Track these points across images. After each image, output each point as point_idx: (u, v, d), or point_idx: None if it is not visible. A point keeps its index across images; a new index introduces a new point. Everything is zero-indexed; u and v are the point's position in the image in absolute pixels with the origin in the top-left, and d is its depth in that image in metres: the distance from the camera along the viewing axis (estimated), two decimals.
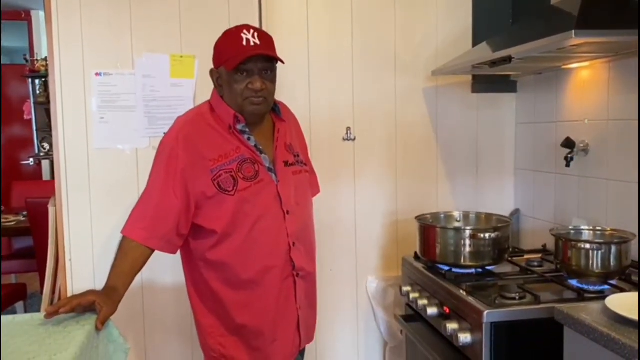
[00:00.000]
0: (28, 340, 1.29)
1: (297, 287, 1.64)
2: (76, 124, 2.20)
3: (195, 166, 1.53)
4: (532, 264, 2.01)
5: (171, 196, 1.52)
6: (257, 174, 1.57)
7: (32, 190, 4.05)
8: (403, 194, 2.54)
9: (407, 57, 2.48)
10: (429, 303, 1.90)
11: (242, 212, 1.54)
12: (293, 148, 1.70)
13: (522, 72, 2.42)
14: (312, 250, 1.74)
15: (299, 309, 1.67)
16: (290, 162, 1.66)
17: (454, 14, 2.50)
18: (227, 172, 1.53)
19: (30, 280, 3.98)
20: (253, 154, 1.58)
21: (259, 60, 1.52)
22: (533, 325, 1.56)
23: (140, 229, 1.53)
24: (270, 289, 1.60)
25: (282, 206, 1.59)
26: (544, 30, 1.76)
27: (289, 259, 1.61)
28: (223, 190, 1.52)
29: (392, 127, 2.50)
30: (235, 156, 1.55)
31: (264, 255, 1.58)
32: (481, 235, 1.88)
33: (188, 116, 1.64)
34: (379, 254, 2.54)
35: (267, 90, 1.55)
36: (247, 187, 1.54)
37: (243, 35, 1.51)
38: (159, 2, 2.23)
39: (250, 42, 1.50)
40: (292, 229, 1.61)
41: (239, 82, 1.52)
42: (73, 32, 2.17)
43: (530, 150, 2.49)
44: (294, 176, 1.65)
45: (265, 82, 1.54)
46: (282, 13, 2.38)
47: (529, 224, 2.49)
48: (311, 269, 1.72)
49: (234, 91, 1.54)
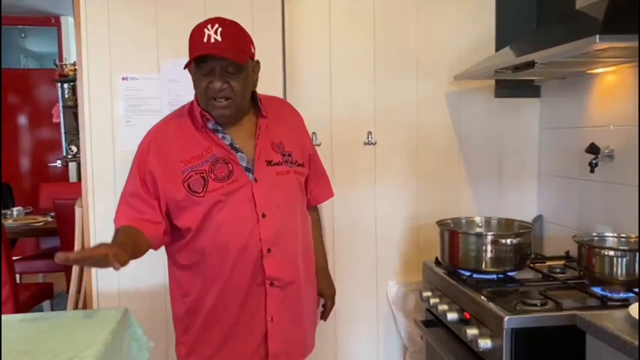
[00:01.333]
0: (54, 337, 1.33)
1: (268, 298, 1.53)
2: (103, 127, 2.25)
3: (165, 171, 1.49)
4: (554, 270, 1.99)
5: (145, 196, 1.49)
6: (231, 174, 1.48)
7: (59, 192, 4.14)
8: (424, 198, 2.53)
9: (429, 61, 2.48)
10: (449, 308, 1.90)
11: (210, 215, 1.48)
12: (282, 146, 1.58)
13: (546, 77, 2.39)
14: (297, 258, 1.60)
15: (270, 321, 1.55)
16: (276, 161, 1.54)
17: (477, 18, 2.49)
18: (198, 173, 1.47)
19: (57, 279, 4.06)
20: (227, 153, 1.50)
21: (220, 58, 1.41)
22: (554, 332, 1.54)
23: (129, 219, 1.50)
24: (234, 296, 1.52)
25: (256, 208, 1.49)
26: (568, 34, 1.74)
27: (260, 266, 1.51)
28: (192, 192, 1.47)
29: (413, 131, 2.50)
30: (207, 156, 1.48)
31: (231, 260, 1.49)
32: (503, 240, 1.87)
33: (163, 120, 1.61)
34: (399, 258, 2.54)
35: (231, 90, 1.44)
36: (217, 187, 1.47)
37: (206, 30, 1.41)
38: (184, 9, 2.27)
39: (210, 39, 1.40)
40: (267, 234, 1.50)
41: (201, 81, 1.45)
42: (101, 38, 2.23)
43: (553, 156, 2.46)
44: (277, 176, 1.54)
45: (228, 81, 1.43)
46: (305, 18, 2.40)
47: (552, 230, 2.47)
48: (293, 278, 1.58)
49: (199, 90, 1.47)
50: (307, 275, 1.67)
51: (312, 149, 1.74)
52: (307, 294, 1.66)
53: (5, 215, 3.88)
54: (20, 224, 3.73)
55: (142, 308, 2.06)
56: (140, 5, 2.25)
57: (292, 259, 1.58)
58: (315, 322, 1.79)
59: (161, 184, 1.49)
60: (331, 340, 2.49)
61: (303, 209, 1.65)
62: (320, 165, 1.78)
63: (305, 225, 1.65)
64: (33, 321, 1.45)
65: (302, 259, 1.62)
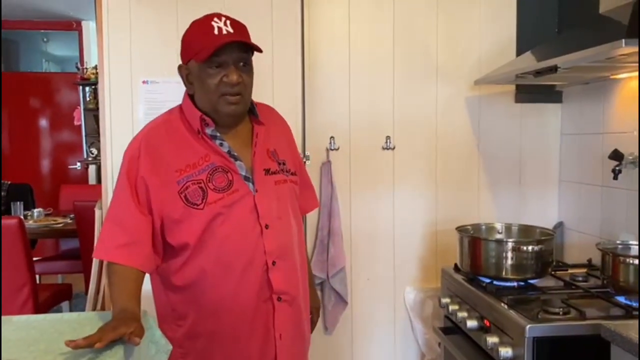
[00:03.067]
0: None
1: (276, 314, 1.43)
2: (123, 130, 2.27)
3: (156, 178, 1.36)
4: (576, 278, 1.96)
5: (137, 211, 1.36)
6: (231, 184, 1.38)
7: (79, 194, 4.18)
8: (443, 204, 2.51)
9: (450, 66, 2.47)
10: (468, 315, 1.87)
11: (210, 229, 1.36)
12: (277, 155, 1.49)
13: (568, 82, 2.36)
14: (297, 272, 1.49)
15: (279, 339, 1.44)
16: (273, 170, 1.46)
17: (498, 22, 2.47)
18: (196, 184, 1.36)
19: (76, 280, 4.10)
20: (226, 161, 1.40)
21: (233, 50, 1.34)
22: (577, 341, 1.52)
23: (115, 249, 1.36)
24: (239, 316, 1.41)
25: (259, 219, 1.39)
26: (591, 39, 1.72)
27: (266, 280, 1.40)
28: (191, 204, 1.35)
29: (432, 136, 2.48)
30: (204, 165, 1.37)
31: (236, 276, 1.38)
32: (524, 247, 1.85)
33: (153, 123, 1.46)
34: (417, 264, 2.52)
35: (244, 84, 1.37)
36: (218, 199, 1.36)
37: (214, 23, 1.35)
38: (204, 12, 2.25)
39: (222, 31, 1.33)
40: (271, 246, 1.40)
41: (212, 76, 1.35)
42: (122, 42, 2.25)
43: (575, 162, 2.43)
44: (276, 186, 1.45)
45: (242, 74, 1.36)
46: (324, 22, 2.40)
47: (574, 237, 2.43)
48: (296, 293, 1.48)
49: (207, 87, 1.36)
50: (304, 288, 1.56)
51: (300, 158, 1.68)
52: (305, 308, 1.57)
53: (26, 217, 3.94)
54: (41, 225, 3.78)
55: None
56: (161, 10, 2.27)
57: (294, 272, 1.49)
58: (310, 338, 1.66)
59: (154, 194, 1.36)
60: (348, 345, 2.48)
61: (298, 219, 1.56)
62: (306, 174, 1.71)
63: (300, 237, 1.56)
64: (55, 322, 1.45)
65: (300, 271, 1.52)
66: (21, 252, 2.83)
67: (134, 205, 1.36)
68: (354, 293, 2.46)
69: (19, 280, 2.84)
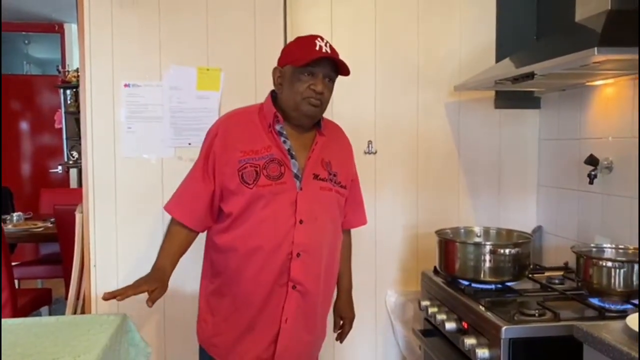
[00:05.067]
0: (53, 342, 1.34)
1: (287, 299, 1.61)
2: (104, 133, 2.27)
3: (225, 155, 1.60)
4: (552, 281, 1.99)
5: (206, 179, 1.62)
6: (282, 176, 1.58)
7: (60, 198, 4.14)
8: (424, 208, 2.54)
9: (430, 71, 2.50)
10: (447, 318, 1.90)
11: (252, 208, 1.57)
12: (330, 166, 1.68)
13: (546, 89, 2.41)
14: (320, 270, 1.66)
15: (284, 322, 1.62)
16: (322, 177, 1.64)
17: (478, 29, 2.51)
18: (253, 167, 1.58)
19: (56, 285, 4.06)
20: (283, 156, 1.60)
21: (326, 66, 1.57)
22: (552, 342, 1.54)
23: (177, 205, 1.66)
24: (258, 289, 1.60)
25: (295, 213, 1.58)
26: (567, 46, 1.75)
27: (287, 268, 1.59)
28: (244, 182, 1.57)
29: (413, 141, 2.51)
30: (265, 154, 1.59)
31: (262, 256, 1.58)
32: (501, 250, 1.88)
33: (235, 111, 1.72)
34: (398, 267, 2.54)
35: (325, 96, 1.59)
36: (266, 184, 1.57)
37: (317, 41, 1.58)
38: (187, 17, 2.29)
39: (322, 49, 1.56)
40: (300, 239, 1.58)
41: (302, 82, 1.57)
42: (104, 45, 2.25)
43: (553, 167, 2.47)
44: (321, 191, 1.64)
45: (325, 87, 1.59)
46: (306, 27, 2.41)
47: (551, 241, 2.47)
48: (313, 288, 1.65)
49: (295, 89, 1.58)
50: (326, 290, 1.72)
51: (356, 176, 1.85)
52: (322, 306, 1.72)
53: (5, 221, 3.89)
54: (20, 229, 3.74)
55: (140, 314, 2.06)
56: (144, 13, 2.26)
57: (317, 269, 1.64)
58: (324, 337, 1.82)
59: (219, 168, 1.60)
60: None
61: (337, 227, 1.73)
62: (359, 193, 1.88)
63: (334, 243, 1.72)
64: (32, 325, 1.45)
65: (325, 272, 1.67)
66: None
67: (201, 175, 1.63)
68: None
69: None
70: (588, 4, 1.92)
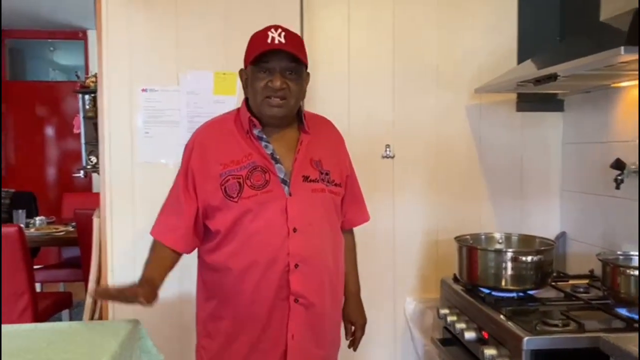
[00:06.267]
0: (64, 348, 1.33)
1: (291, 314, 1.50)
2: (122, 138, 2.27)
3: (204, 170, 1.51)
4: (577, 289, 1.92)
5: (188, 198, 1.53)
6: (267, 184, 1.48)
7: (81, 202, 4.18)
8: (444, 213, 2.48)
9: (449, 74, 2.45)
10: (467, 327, 1.84)
11: (240, 222, 1.48)
12: (321, 164, 1.56)
13: (569, 91, 2.34)
14: (324, 279, 1.55)
15: (291, 339, 1.51)
16: (313, 178, 1.53)
17: (499, 30, 2.45)
18: (235, 178, 1.48)
19: (78, 289, 4.09)
20: (266, 162, 1.50)
21: (282, 59, 1.46)
22: (576, 354, 1.48)
23: (162, 229, 1.58)
24: (258, 307, 1.50)
25: (287, 222, 1.47)
26: (591, 47, 1.70)
27: (286, 281, 1.48)
28: (228, 196, 1.48)
29: (432, 145, 2.46)
30: (246, 162, 1.49)
31: (258, 271, 1.48)
32: (523, 257, 1.82)
33: (210, 120, 1.62)
34: (417, 274, 2.49)
35: (289, 90, 1.47)
36: (251, 195, 1.47)
37: (269, 33, 1.47)
38: (203, 22, 2.29)
39: (274, 40, 1.45)
40: (295, 249, 1.48)
41: (259, 80, 1.47)
42: (121, 50, 2.26)
43: (577, 171, 2.40)
44: (312, 193, 1.52)
45: (287, 81, 1.47)
46: (323, 30, 2.40)
47: (576, 248, 2.39)
48: (318, 298, 1.53)
49: (254, 89, 1.48)
50: (334, 298, 1.61)
51: (351, 171, 1.73)
52: (331, 317, 1.62)
53: (29, 225, 3.94)
54: (42, 233, 3.78)
55: (157, 318, 2.05)
56: (161, 19, 2.27)
57: (319, 278, 1.54)
58: (337, 348, 1.72)
59: (200, 183, 1.52)
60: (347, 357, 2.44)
61: (336, 230, 1.62)
62: (358, 188, 1.77)
63: (336, 247, 1.61)
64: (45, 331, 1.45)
65: (330, 280, 1.57)
66: (21, 260, 2.83)
67: (183, 193, 1.54)
68: None
69: (18, 288, 2.84)
70: (614, 2, 1.86)
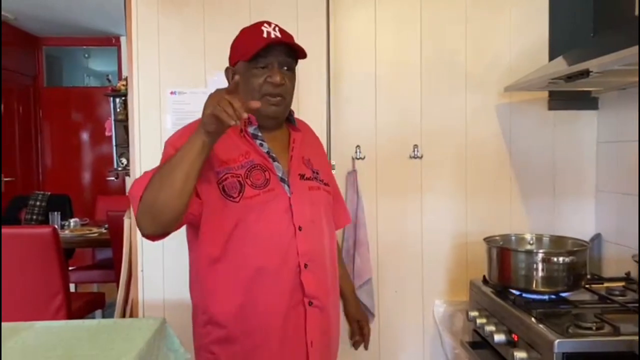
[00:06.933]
0: (93, 345, 1.35)
1: (308, 318, 1.42)
2: (151, 140, 2.30)
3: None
4: (612, 292, 1.86)
5: None
6: (268, 182, 1.40)
7: (114, 204, 4.27)
8: (473, 214, 2.44)
9: (479, 73, 2.41)
10: (496, 329, 1.80)
11: (243, 225, 1.37)
12: (311, 163, 1.54)
13: (604, 88, 2.27)
14: (327, 279, 1.49)
15: (311, 346, 1.42)
16: (307, 176, 1.49)
17: (530, 27, 2.40)
18: (234, 177, 1.38)
19: (110, 289, 4.17)
20: (264, 160, 1.43)
21: (280, 54, 1.41)
22: (610, 358, 1.44)
23: None
24: (275, 317, 1.39)
25: (292, 220, 1.40)
26: (625, 41, 1.64)
27: (298, 283, 1.40)
28: (227, 195, 1.37)
29: (461, 145, 2.42)
30: (243, 161, 1.41)
31: (270, 276, 1.38)
32: (555, 259, 1.77)
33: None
34: (447, 276, 2.45)
35: (286, 87, 1.43)
36: (254, 195, 1.37)
37: (263, 28, 1.42)
38: (230, 25, 2.28)
39: (271, 34, 1.40)
40: (303, 248, 1.41)
41: (256, 76, 1.40)
42: (150, 54, 2.29)
43: (613, 171, 2.33)
44: (310, 191, 1.47)
45: (285, 77, 1.42)
46: (350, 29, 2.38)
47: (612, 250, 2.32)
48: (326, 300, 1.47)
49: (251, 86, 1.40)
50: (335, 300, 1.56)
51: (332, 173, 1.72)
52: (335, 319, 1.56)
53: (63, 226, 4.05)
54: (76, 235, 3.88)
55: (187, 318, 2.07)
56: (189, 22, 2.30)
57: (324, 278, 1.48)
58: (338, 351, 1.63)
59: None
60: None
61: (331, 228, 1.58)
62: (338, 190, 1.74)
63: (332, 245, 1.56)
64: (74, 328, 1.48)
65: (331, 280, 1.52)
66: (54, 261, 2.90)
67: None
68: (381, 305, 2.41)
69: (52, 288, 2.90)
70: None
